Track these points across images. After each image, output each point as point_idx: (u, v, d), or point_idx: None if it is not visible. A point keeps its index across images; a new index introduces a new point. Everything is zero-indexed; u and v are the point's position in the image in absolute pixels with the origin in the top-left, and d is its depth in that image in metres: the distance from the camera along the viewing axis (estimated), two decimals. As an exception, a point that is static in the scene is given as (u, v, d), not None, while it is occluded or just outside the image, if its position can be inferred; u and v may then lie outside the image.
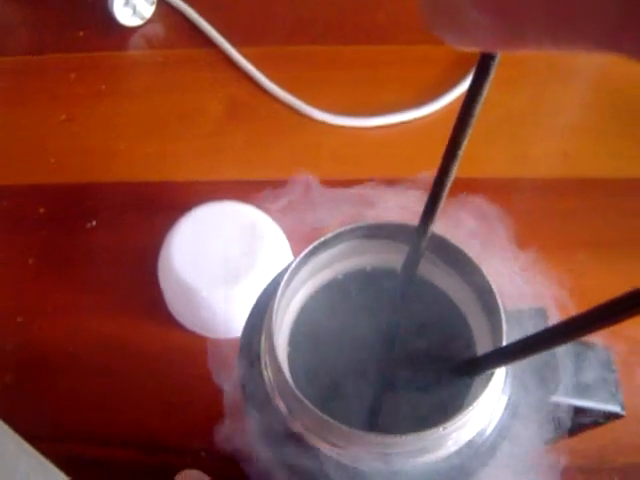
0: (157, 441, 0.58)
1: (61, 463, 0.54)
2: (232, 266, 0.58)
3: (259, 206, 0.61)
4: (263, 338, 0.34)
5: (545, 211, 0.68)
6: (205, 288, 0.57)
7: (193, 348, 0.61)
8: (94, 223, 0.69)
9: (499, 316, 0.33)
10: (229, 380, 0.37)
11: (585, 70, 0.80)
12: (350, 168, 0.71)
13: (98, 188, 0.72)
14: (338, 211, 0.43)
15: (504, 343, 0.32)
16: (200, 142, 0.74)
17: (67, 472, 0.53)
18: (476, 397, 0.31)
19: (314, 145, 0.73)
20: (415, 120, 0.74)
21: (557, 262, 0.35)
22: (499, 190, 0.67)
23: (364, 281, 0.39)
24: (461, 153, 0.29)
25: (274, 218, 0.61)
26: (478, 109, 0.28)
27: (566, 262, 0.62)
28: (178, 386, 0.59)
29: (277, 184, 0.68)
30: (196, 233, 0.60)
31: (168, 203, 0.68)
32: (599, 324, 0.24)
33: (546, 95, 0.78)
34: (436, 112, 0.75)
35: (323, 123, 0.74)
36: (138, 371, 0.60)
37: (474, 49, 0.22)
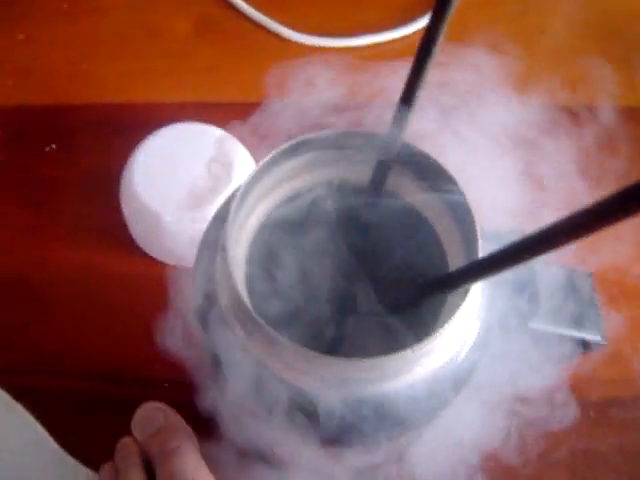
0: (119, 372, 0.56)
1: (20, 395, 0.52)
2: (197, 190, 0.55)
3: (226, 128, 0.58)
4: (218, 258, 0.31)
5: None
6: (169, 213, 0.55)
7: (157, 276, 0.58)
8: (54, 146, 0.66)
9: (474, 230, 0.30)
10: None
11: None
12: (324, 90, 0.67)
13: (58, 110, 0.68)
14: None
15: (479, 256, 0.29)
16: (167, 62, 0.71)
17: (26, 404, 0.51)
18: (448, 318, 0.29)
19: (287, 66, 0.70)
20: (392, 41, 0.71)
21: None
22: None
23: (330, 195, 0.36)
24: (430, 64, 0.28)
25: (241, 140, 0.58)
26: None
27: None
28: (141, 316, 0.57)
29: (247, 106, 0.66)
30: (160, 156, 0.57)
31: (133, 125, 0.65)
32: (576, 231, 0.21)
33: (531, 18, 0.75)
34: (414, 34, 0.71)
35: (297, 44, 0.71)
36: (100, 300, 0.58)
37: None
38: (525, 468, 0.52)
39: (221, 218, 0.34)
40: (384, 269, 0.35)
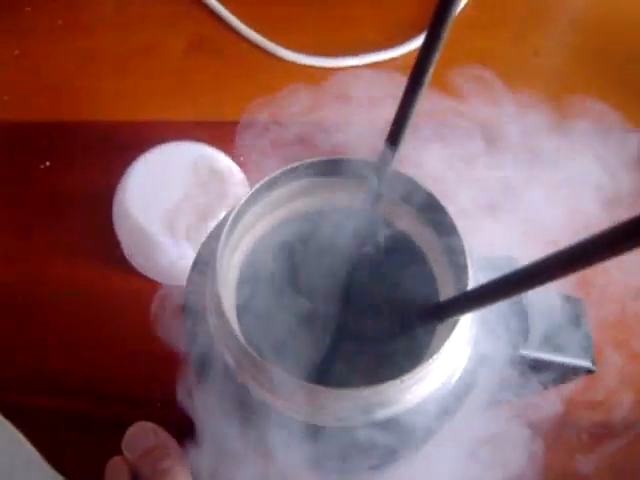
0: (111, 392, 0.55)
1: (10, 413, 0.51)
2: (191, 210, 0.55)
3: (220, 147, 0.58)
4: (208, 283, 0.31)
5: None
6: (162, 233, 0.55)
7: (149, 295, 0.58)
8: (48, 164, 0.66)
9: (464, 259, 0.30)
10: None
11: (568, 13, 0.77)
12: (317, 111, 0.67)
13: (53, 127, 0.68)
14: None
15: (469, 287, 0.29)
16: (161, 80, 0.71)
17: (15, 422, 0.51)
18: (438, 348, 0.29)
19: (280, 85, 0.70)
20: (387, 61, 0.71)
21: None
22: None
23: (321, 222, 0.36)
24: (423, 89, 0.28)
25: (236, 160, 0.58)
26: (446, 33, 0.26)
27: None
28: (133, 335, 0.57)
29: (241, 125, 0.66)
30: (153, 175, 0.57)
31: (127, 143, 0.64)
32: (569, 267, 0.21)
33: (525, 39, 0.75)
34: (409, 53, 0.71)
35: (291, 62, 0.71)
36: (92, 319, 0.58)
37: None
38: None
39: (213, 241, 0.34)
40: (375, 296, 0.35)
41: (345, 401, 0.29)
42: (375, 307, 0.35)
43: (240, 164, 0.59)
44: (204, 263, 0.33)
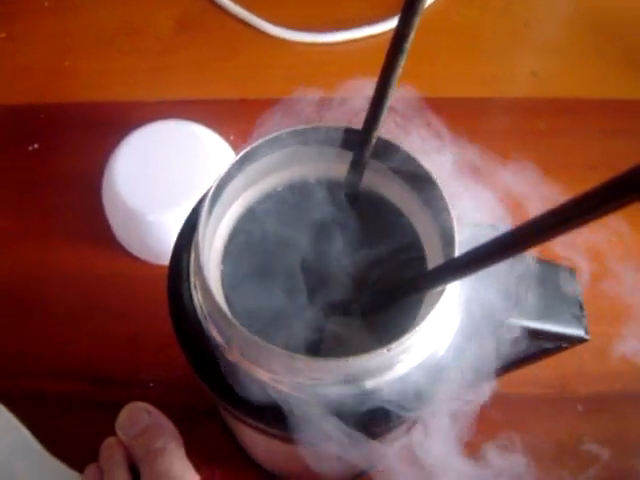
0: (103, 373, 0.55)
1: (5, 397, 0.51)
2: (180, 188, 0.54)
3: (208, 124, 0.58)
4: (192, 257, 0.31)
5: (513, 132, 0.65)
6: (151, 212, 0.54)
7: (140, 276, 0.58)
8: (36, 146, 0.65)
9: (451, 226, 0.29)
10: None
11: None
12: (306, 87, 0.67)
13: (40, 109, 0.68)
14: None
15: (456, 254, 0.29)
16: (148, 59, 0.70)
17: (10, 406, 0.51)
18: (425, 317, 0.28)
19: (269, 62, 0.69)
20: (375, 36, 0.71)
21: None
22: (466, 110, 0.64)
23: (305, 193, 0.35)
24: (405, 54, 0.27)
25: (224, 136, 0.58)
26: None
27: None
28: (125, 316, 0.56)
29: (229, 103, 0.65)
30: (141, 154, 0.56)
31: (114, 124, 0.64)
32: (557, 228, 0.21)
33: (515, 10, 0.74)
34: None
35: (278, 39, 0.71)
36: (83, 301, 0.58)
37: None
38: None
39: (196, 215, 0.33)
40: (362, 267, 0.34)
41: (334, 371, 0.29)
42: (364, 279, 0.34)
43: (229, 142, 0.58)
44: (188, 237, 0.33)
